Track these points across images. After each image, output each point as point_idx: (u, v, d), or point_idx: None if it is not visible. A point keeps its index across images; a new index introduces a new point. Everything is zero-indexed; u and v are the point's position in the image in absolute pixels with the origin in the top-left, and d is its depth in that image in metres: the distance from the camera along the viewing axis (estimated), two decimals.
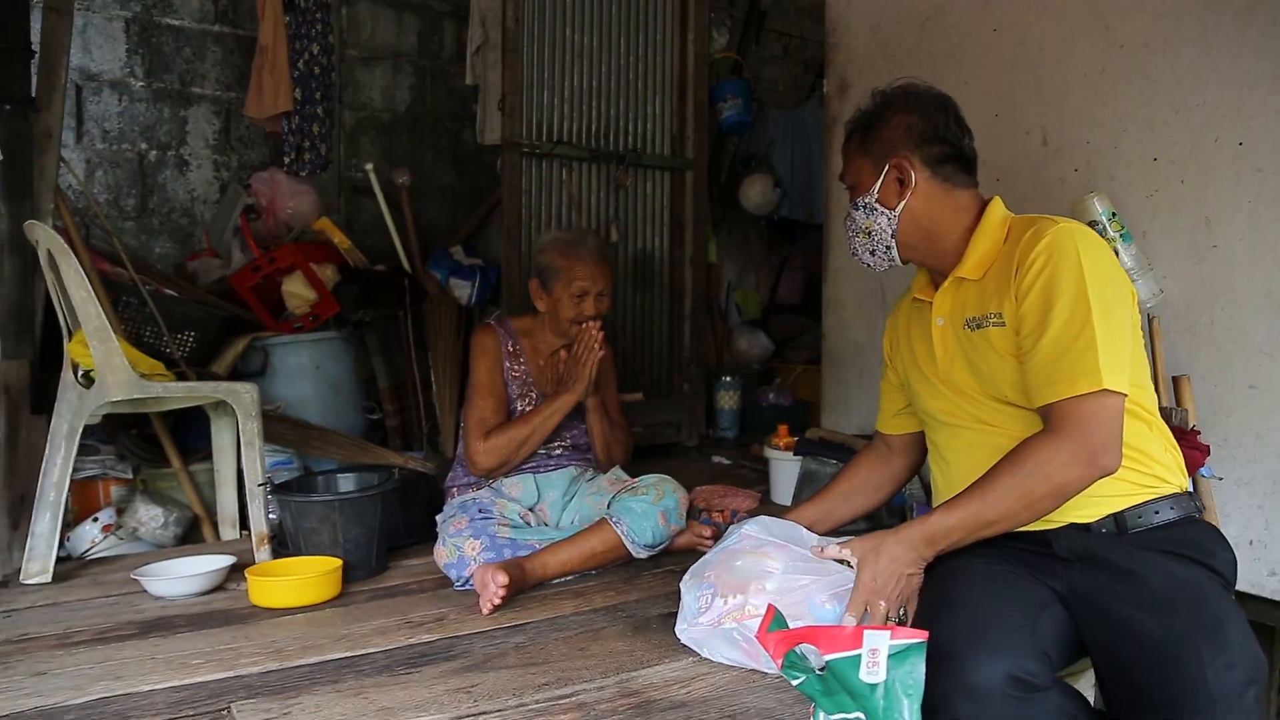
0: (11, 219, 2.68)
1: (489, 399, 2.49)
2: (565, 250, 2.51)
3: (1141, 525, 1.47)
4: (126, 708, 1.55)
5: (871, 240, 1.66)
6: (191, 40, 3.76)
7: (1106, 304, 1.42)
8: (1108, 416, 1.40)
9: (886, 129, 1.63)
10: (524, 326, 2.62)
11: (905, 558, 1.50)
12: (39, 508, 2.48)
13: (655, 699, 1.54)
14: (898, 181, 1.61)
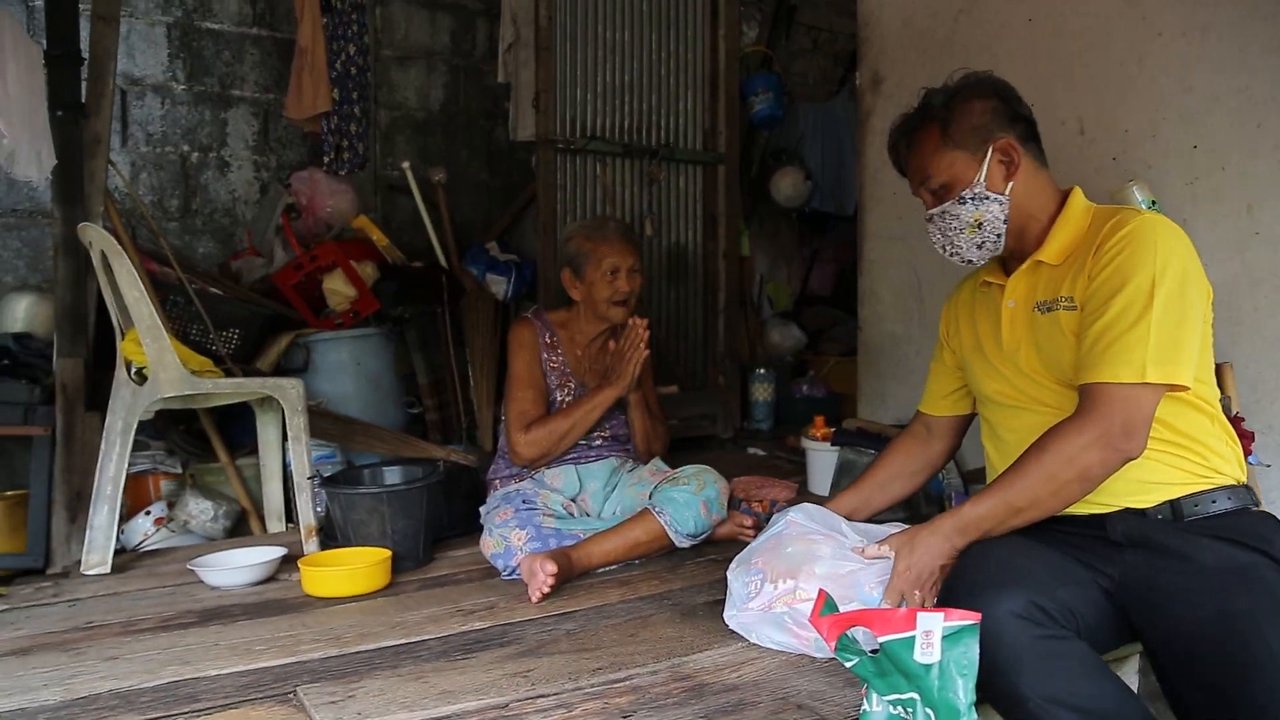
0: (64, 222, 2.76)
1: (528, 390, 2.52)
2: (590, 234, 2.55)
3: (1198, 514, 1.47)
4: (197, 690, 1.61)
5: (982, 232, 1.61)
6: (230, 43, 3.83)
7: (1174, 298, 1.42)
8: (1137, 405, 1.41)
9: (972, 117, 1.59)
10: (560, 319, 2.66)
11: (939, 548, 1.54)
12: (96, 501, 2.55)
13: (708, 682, 1.57)
14: (1003, 164, 1.58)
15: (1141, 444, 1.42)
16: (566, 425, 2.48)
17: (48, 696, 1.60)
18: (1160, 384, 1.41)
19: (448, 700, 1.51)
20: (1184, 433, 1.48)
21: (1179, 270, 1.43)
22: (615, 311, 2.54)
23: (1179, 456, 1.49)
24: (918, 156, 1.66)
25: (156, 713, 1.52)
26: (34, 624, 2.06)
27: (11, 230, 3.45)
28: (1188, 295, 1.43)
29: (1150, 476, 1.48)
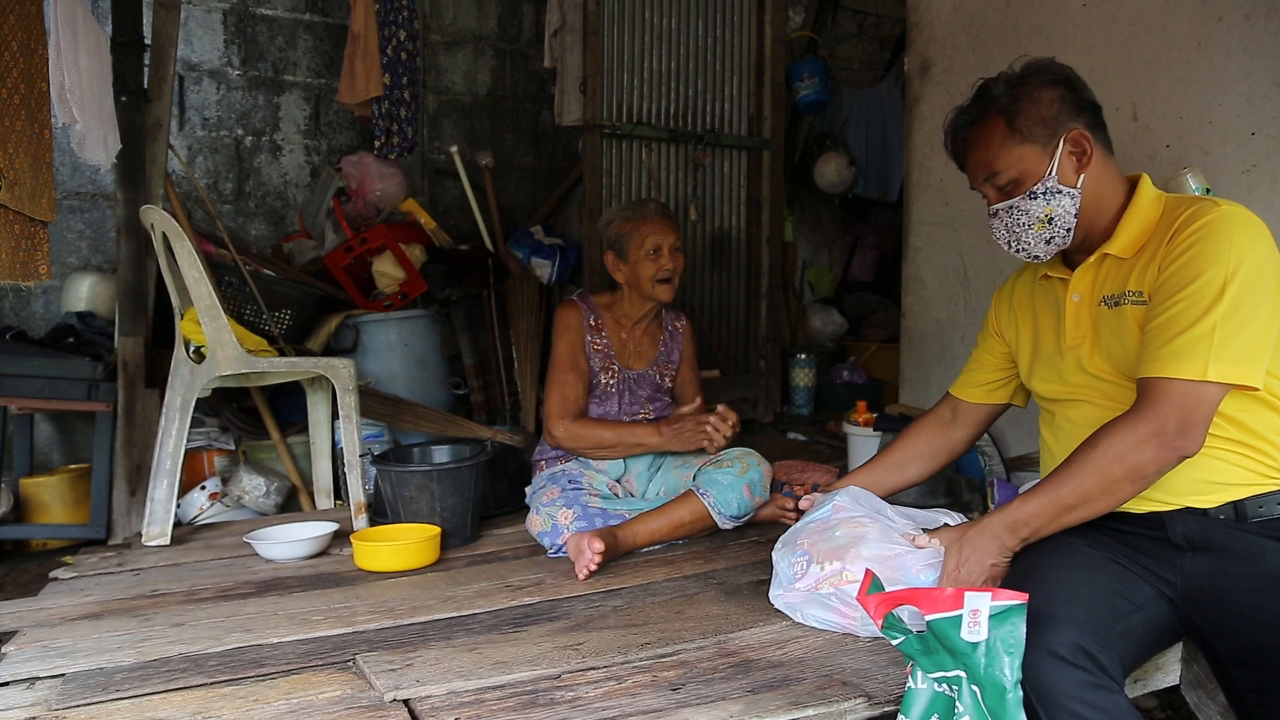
0: (127, 204, 2.84)
1: (570, 374, 2.55)
2: (630, 215, 2.58)
3: (1263, 515, 1.42)
4: (261, 656, 1.67)
5: (1052, 227, 1.54)
6: (284, 29, 3.90)
7: (1246, 295, 1.35)
8: (1196, 403, 1.36)
9: (1040, 107, 1.52)
10: (605, 301, 2.69)
11: (988, 548, 1.52)
12: (156, 476, 2.64)
13: (753, 659, 1.60)
14: (1073, 156, 1.51)
15: (1198, 443, 1.38)
16: (609, 439, 2.49)
17: (122, 658, 1.67)
18: (1223, 383, 1.36)
19: (502, 670, 1.56)
20: (1252, 430, 1.43)
21: (1255, 266, 1.37)
22: (660, 290, 2.55)
23: (1245, 455, 1.44)
24: (981, 151, 1.58)
25: (224, 675, 1.58)
26: (102, 591, 2.15)
27: (75, 212, 3.55)
28: (1261, 292, 1.36)
29: (1213, 475, 1.44)
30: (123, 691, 1.52)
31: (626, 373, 2.63)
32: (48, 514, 2.99)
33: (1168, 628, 1.49)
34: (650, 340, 2.69)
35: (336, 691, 1.50)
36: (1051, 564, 1.48)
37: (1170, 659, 1.73)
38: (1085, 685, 1.27)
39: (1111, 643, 1.35)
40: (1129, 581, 1.46)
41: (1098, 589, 1.42)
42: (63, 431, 3.43)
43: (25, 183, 1.79)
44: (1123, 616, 1.41)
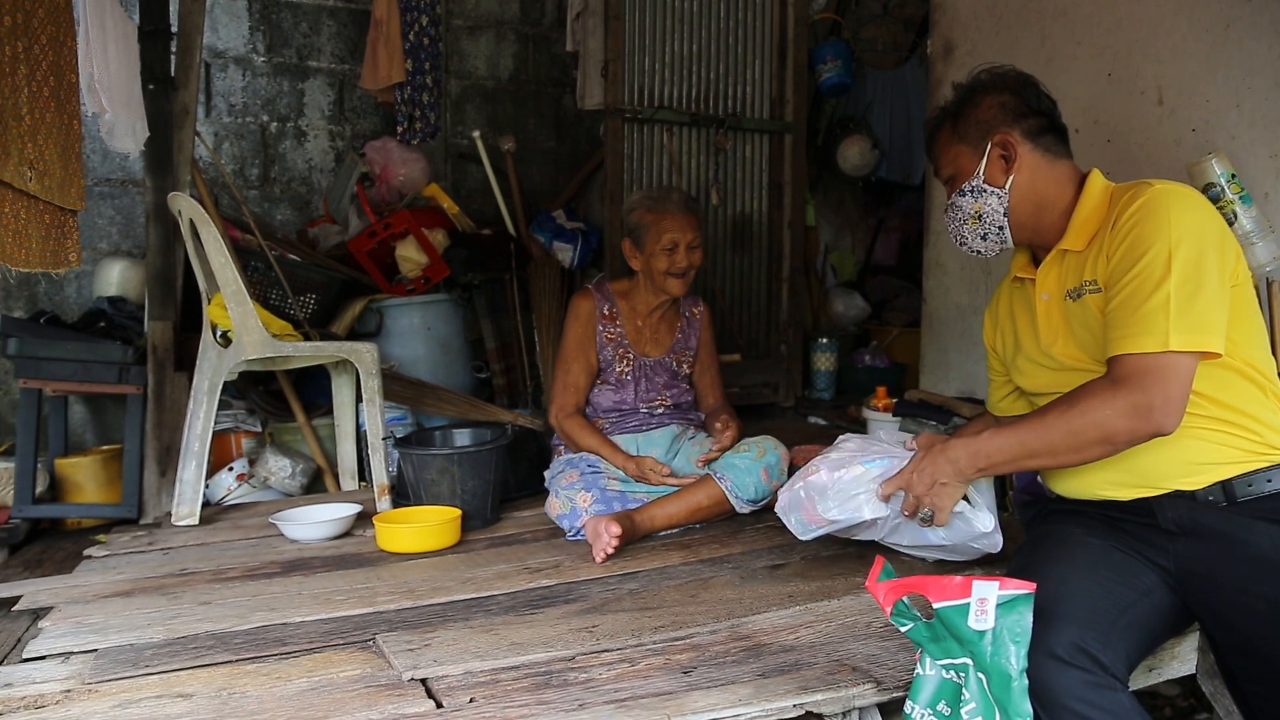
0: (155, 191, 2.89)
1: (572, 364, 2.59)
2: (652, 205, 2.55)
3: (1251, 494, 1.43)
4: (285, 634, 1.72)
5: (983, 223, 1.65)
6: (308, 15, 3.93)
7: (1191, 263, 1.39)
8: (1171, 376, 1.38)
9: (979, 111, 1.62)
10: (622, 288, 2.69)
11: (946, 468, 1.60)
12: (185, 457, 2.70)
13: (765, 643, 1.63)
14: (1002, 158, 1.60)
15: (1175, 420, 1.40)
16: (589, 448, 2.54)
17: (152, 635, 1.73)
18: (1186, 351, 1.38)
19: (518, 651, 1.59)
20: (1233, 407, 1.44)
21: (1195, 236, 1.41)
22: (671, 283, 2.54)
23: (1228, 434, 1.45)
24: (933, 149, 1.72)
25: (249, 653, 1.63)
26: (133, 569, 2.21)
27: (105, 198, 3.61)
28: (1206, 260, 1.40)
29: (1199, 456, 1.44)
30: (152, 667, 1.57)
31: (642, 360, 2.64)
32: (82, 493, 3.06)
33: (1177, 614, 1.49)
34: (667, 327, 2.69)
35: (356, 670, 1.55)
36: (1050, 559, 1.49)
37: (1187, 647, 1.74)
38: (1085, 685, 1.27)
39: (1115, 637, 1.35)
40: (1130, 569, 1.47)
41: (1098, 582, 1.42)
42: (95, 413, 3.51)
43: (55, 173, 1.83)
44: (1127, 607, 1.41)
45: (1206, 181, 2.20)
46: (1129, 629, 1.40)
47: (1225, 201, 2.18)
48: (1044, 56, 2.82)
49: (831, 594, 1.87)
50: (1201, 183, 2.21)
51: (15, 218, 1.63)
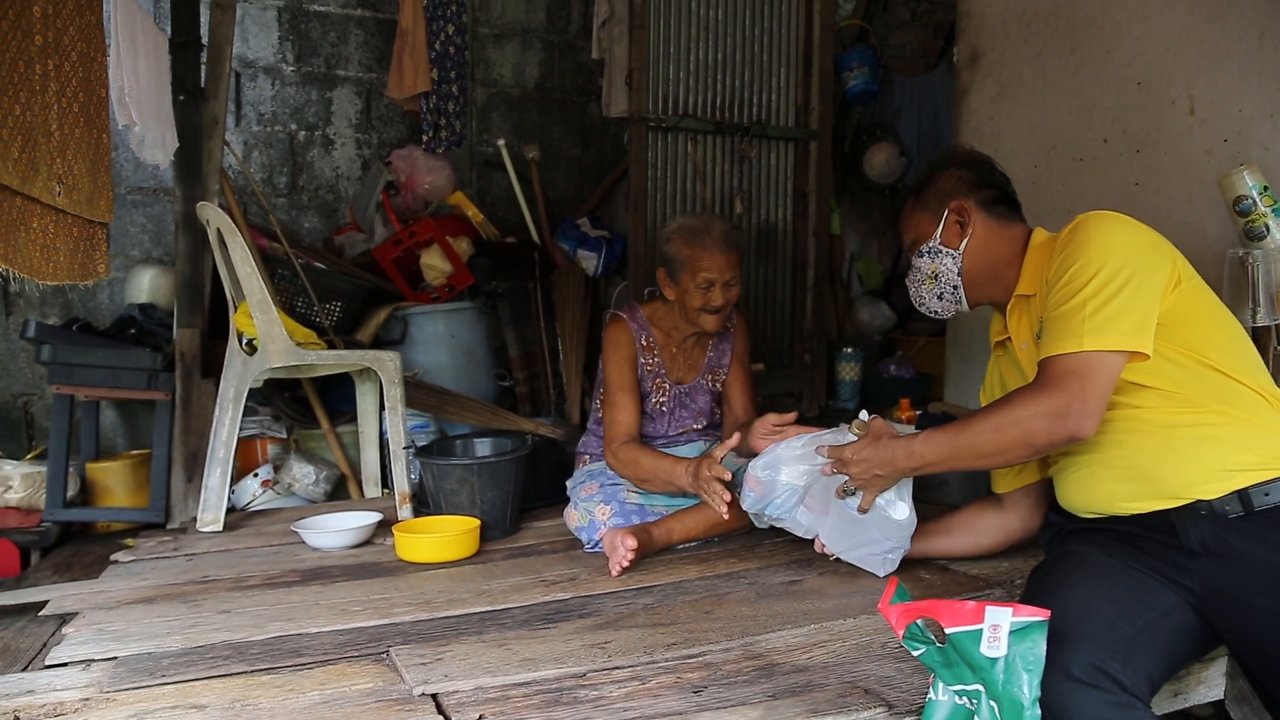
0: (184, 200, 2.94)
1: (620, 394, 2.45)
2: (690, 239, 2.39)
3: (1269, 503, 1.42)
4: (300, 645, 1.73)
5: (939, 283, 1.81)
6: (336, 25, 3.97)
7: (1110, 274, 1.48)
8: (1089, 377, 1.46)
9: (939, 183, 1.81)
10: (655, 314, 2.56)
11: (881, 459, 1.75)
12: (210, 464, 2.74)
13: (778, 662, 1.61)
14: (958, 224, 1.76)
15: (1093, 423, 1.47)
16: (647, 472, 2.34)
17: (170, 643, 1.75)
18: (1101, 350, 1.45)
19: (528, 667, 1.59)
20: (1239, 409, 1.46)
21: (1114, 251, 1.51)
22: (706, 320, 2.41)
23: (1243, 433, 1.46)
24: (899, 222, 1.91)
25: (264, 664, 1.65)
26: (157, 575, 2.25)
27: (137, 206, 3.68)
28: (1125, 271, 1.49)
29: (1213, 462, 1.44)
30: (168, 677, 1.59)
31: (677, 389, 2.56)
32: (111, 497, 3.11)
33: (1201, 634, 1.47)
34: (700, 349, 2.59)
35: (369, 684, 1.55)
36: (1066, 580, 1.48)
37: (1214, 672, 1.70)
38: (1105, 705, 1.26)
39: (1135, 656, 1.33)
40: (1150, 589, 1.45)
41: (1115, 602, 1.41)
42: (126, 418, 3.57)
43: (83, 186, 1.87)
44: (1146, 627, 1.39)
45: (1238, 194, 2.16)
46: (1150, 649, 1.38)
47: (1257, 215, 2.14)
48: (1073, 64, 2.78)
49: (848, 612, 1.85)
50: (1232, 195, 2.17)
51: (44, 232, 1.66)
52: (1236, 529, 1.43)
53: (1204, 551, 1.45)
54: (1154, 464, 1.49)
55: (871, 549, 2.00)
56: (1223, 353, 1.51)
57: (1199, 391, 1.48)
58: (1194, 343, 1.50)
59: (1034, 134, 2.91)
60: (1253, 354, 1.56)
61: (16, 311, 3.47)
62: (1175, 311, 1.51)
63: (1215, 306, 1.58)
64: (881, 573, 2.02)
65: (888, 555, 2.00)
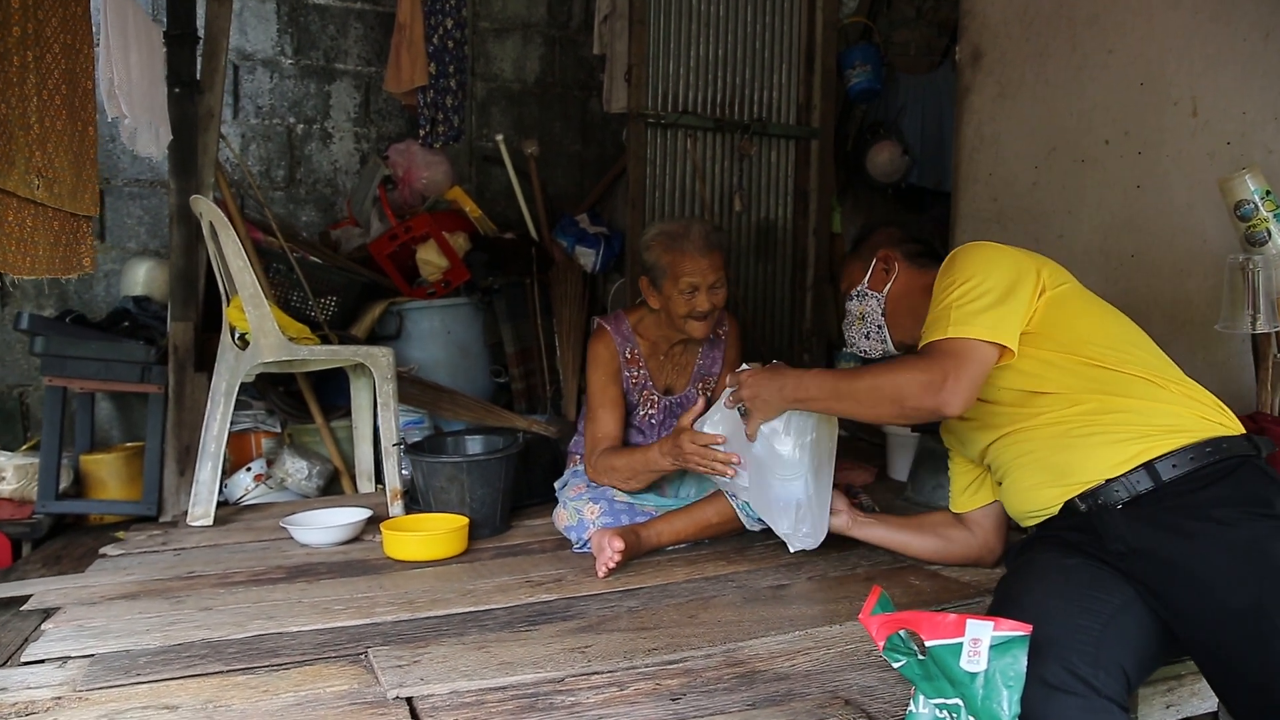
0: (179, 193, 2.92)
1: (600, 409, 2.44)
2: (670, 244, 2.34)
3: (1176, 474, 1.46)
4: (279, 645, 1.72)
5: (865, 323, 1.97)
6: (335, 18, 3.95)
7: (973, 283, 1.63)
8: (964, 357, 1.59)
9: (873, 238, 2.04)
10: (641, 322, 2.53)
11: (771, 383, 1.92)
12: (201, 458, 2.73)
13: (760, 670, 1.59)
14: (884, 270, 1.95)
15: (959, 403, 1.58)
16: (623, 468, 2.34)
17: (149, 641, 1.74)
18: (969, 338, 1.59)
19: (506, 671, 1.57)
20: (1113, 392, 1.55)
21: (980, 268, 1.66)
22: (693, 326, 2.37)
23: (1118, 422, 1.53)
24: (840, 273, 2.11)
25: (240, 664, 1.63)
26: (143, 570, 2.24)
27: (134, 199, 3.66)
28: (989, 283, 1.63)
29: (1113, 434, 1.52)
30: (144, 676, 1.58)
31: (667, 400, 2.53)
32: (105, 490, 3.10)
33: (1163, 629, 1.45)
34: (690, 355, 2.56)
35: (344, 685, 1.54)
36: (1026, 587, 1.48)
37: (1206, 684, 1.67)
38: (1080, 711, 1.25)
39: (1104, 654, 1.32)
40: (1108, 583, 1.45)
41: (1076, 600, 1.41)
42: (122, 410, 3.56)
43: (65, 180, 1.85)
44: (1110, 620, 1.38)
45: (1239, 198, 2.12)
46: (1118, 644, 1.36)
47: (1258, 219, 2.10)
48: (1074, 64, 2.75)
49: (834, 619, 1.83)
50: (1234, 199, 2.13)
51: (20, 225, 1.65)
52: (1152, 519, 1.45)
53: (1129, 552, 1.46)
54: (1062, 458, 1.57)
55: (785, 516, 2.06)
56: (1102, 347, 1.59)
57: (1085, 389, 1.57)
58: (1071, 344, 1.60)
59: (1035, 135, 2.88)
60: (1134, 341, 1.64)
61: (12, 303, 3.47)
62: (1047, 318, 1.63)
63: (1088, 306, 1.69)
64: (792, 547, 2.10)
65: (803, 533, 2.06)
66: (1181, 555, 1.40)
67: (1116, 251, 2.65)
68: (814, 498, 2.03)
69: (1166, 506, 1.45)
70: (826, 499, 2.08)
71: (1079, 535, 1.55)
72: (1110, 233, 2.67)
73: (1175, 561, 1.41)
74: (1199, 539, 1.40)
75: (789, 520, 2.06)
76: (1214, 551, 1.38)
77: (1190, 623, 1.39)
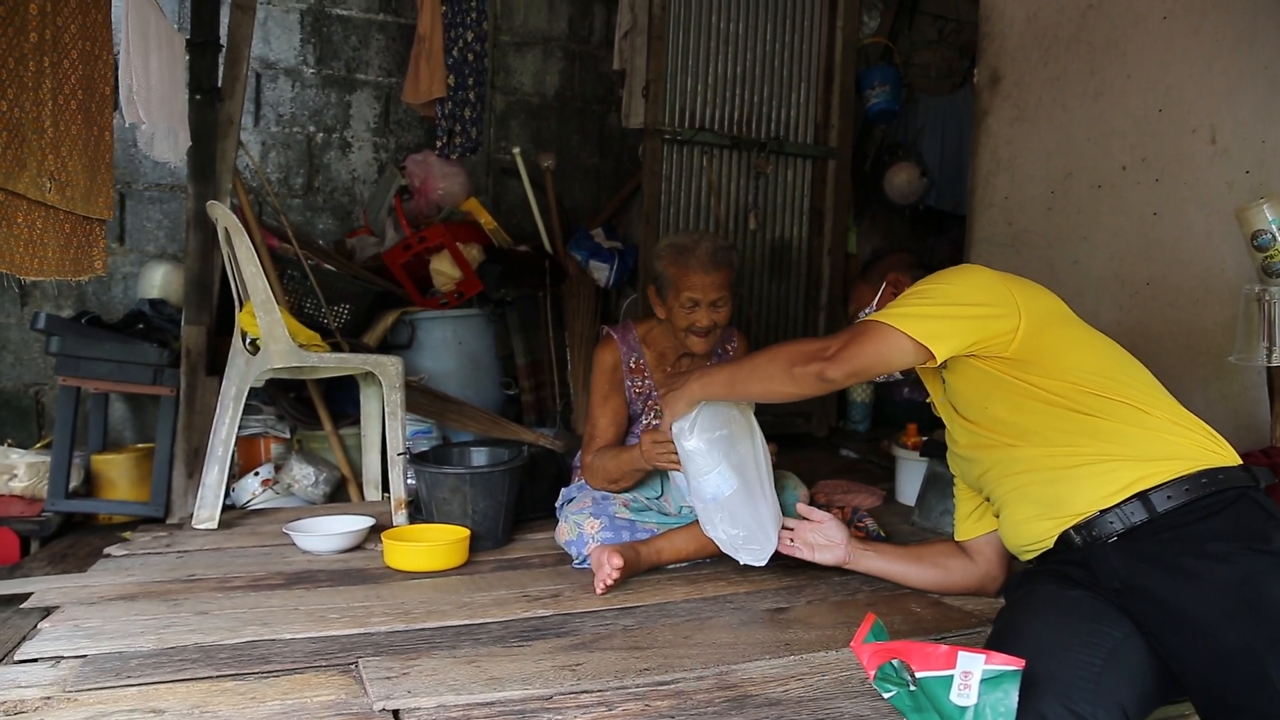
0: (196, 198, 2.95)
1: (601, 416, 2.47)
2: (676, 258, 2.38)
3: (1171, 505, 1.43)
4: (270, 652, 1.72)
5: None
6: (358, 29, 3.99)
7: (940, 292, 1.67)
8: (865, 334, 1.64)
9: (881, 264, 2.10)
10: (650, 334, 2.55)
11: (684, 399, 1.97)
12: (209, 461, 2.74)
13: (751, 694, 1.57)
14: (892, 294, 1.96)
15: (842, 372, 1.65)
16: (612, 470, 2.37)
17: (142, 643, 1.74)
18: (889, 324, 1.62)
19: (494, 687, 1.56)
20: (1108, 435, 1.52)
21: (953, 283, 1.70)
22: (694, 342, 2.40)
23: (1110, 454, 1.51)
24: (847, 296, 2.22)
25: (231, 670, 1.63)
26: (144, 572, 2.24)
27: (154, 203, 3.71)
28: (938, 296, 1.67)
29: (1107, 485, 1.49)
30: (134, 678, 1.58)
31: None
32: (115, 490, 3.12)
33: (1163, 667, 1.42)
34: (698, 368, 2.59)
35: (331, 695, 1.53)
36: (1027, 618, 1.46)
37: None
38: None
39: (1104, 691, 1.30)
40: (1108, 616, 1.43)
41: (1076, 633, 1.38)
42: (136, 411, 3.60)
43: (79, 184, 1.87)
44: (1110, 654, 1.36)
45: (1256, 228, 2.09)
46: (1118, 681, 1.34)
47: (1275, 250, 2.07)
48: (1093, 89, 2.72)
49: (831, 644, 1.81)
50: (1250, 229, 2.10)
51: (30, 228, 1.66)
52: (1146, 554, 1.43)
53: (1125, 589, 1.44)
54: (1054, 490, 1.56)
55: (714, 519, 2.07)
56: (1091, 374, 1.58)
57: (1074, 418, 1.55)
58: (1059, 371, 1.59)
59: (1051, 159, 2.86)
60: (1124, 368, 1.63)
61: (31, 303, 3.51)
62: (1034, 346, 1.61)
63: (1076, 333, 1.67)
64: (740, 559, 2.10)
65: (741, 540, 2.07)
66: (1175, 594, 1.38)
67: (1132, 279, 2.62)
68: (742, 502, 2.04)
69: (1162, 540, 1.43)
70: (765, 511, 2.09)
71: (1078, 570, 1.53)
72: (1126, 260, 2.64)
73: (1169, 601, 1.38)
74: (1193, 576, 1.37)
75: (721, 524, 2.06)
76: (1208, 590, 1.35)
77: (1185, 663, 1.36)
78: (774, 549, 2.10)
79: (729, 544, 2.09)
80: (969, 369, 1.69)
